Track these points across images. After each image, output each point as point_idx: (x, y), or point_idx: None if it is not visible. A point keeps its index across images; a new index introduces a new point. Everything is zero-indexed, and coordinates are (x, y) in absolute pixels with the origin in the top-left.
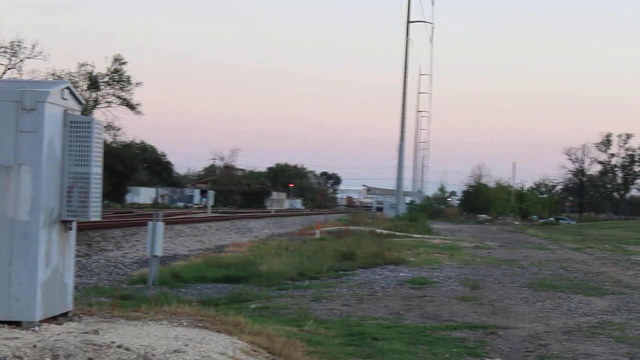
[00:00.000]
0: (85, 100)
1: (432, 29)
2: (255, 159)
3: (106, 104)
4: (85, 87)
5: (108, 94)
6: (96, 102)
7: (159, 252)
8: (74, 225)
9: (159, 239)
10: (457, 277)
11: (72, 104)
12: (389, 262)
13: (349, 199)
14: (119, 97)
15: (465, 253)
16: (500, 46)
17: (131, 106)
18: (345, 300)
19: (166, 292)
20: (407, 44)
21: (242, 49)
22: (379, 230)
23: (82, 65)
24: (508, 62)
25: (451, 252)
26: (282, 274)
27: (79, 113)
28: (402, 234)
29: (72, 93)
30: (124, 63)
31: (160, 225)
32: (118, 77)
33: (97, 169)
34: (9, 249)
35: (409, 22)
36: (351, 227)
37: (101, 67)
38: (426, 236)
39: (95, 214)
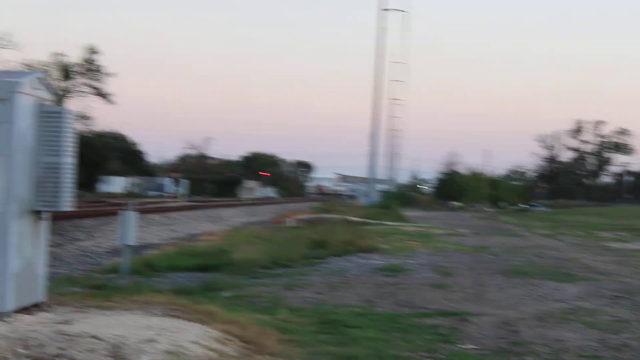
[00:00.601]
0: (58, 90)
1: (406, 17)
2: (228, 148)
3: (79, 94)
4: (58, 76)
5: (81, 83)
6: (69, 91)
7: (131, 241)
8: (46, 215)
9: (131, 228)
10: (430, 265)
11: (44, 94)
12: (362, 250)
13: (320, 186)
14: (91, 87)
15: (438, 240)
16: (473, 35)
17: (104, 96)
18: (318, 288)
19: (139, 281)
20: (379, 31)
21: (215, 38)
22: (351, 218)
23: (55, 55)
24: (482, 51)
25: (424, 240)
26: (255, 262)
27: (51, 103)
28: (375, 221)
29: (44, 83)
30: (96, 53)
31: (133, 215)
32: (91, 67)
33: (69, 159)
34: None
35: (382, 9)
36: (324, 215)
37: (74, 57)
38: (399, 224)
39: (67, 203)
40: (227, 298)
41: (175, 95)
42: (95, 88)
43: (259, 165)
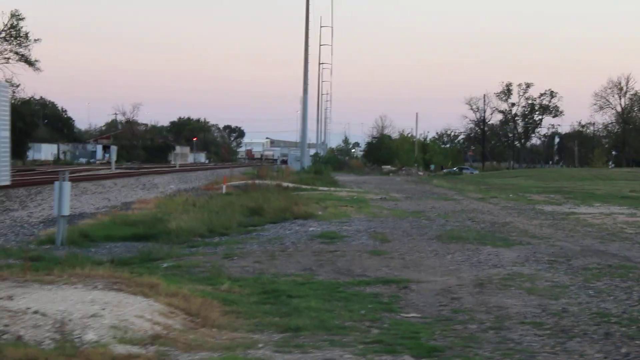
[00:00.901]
0: None
1: None
2: (157, 114)
3: (3, 60)
4: None
5: (5, 50)
6: None
7: (66, 211)
8: None
9: (65, 199)
10: (367, 231)
11: None
12: (297, 216)
13: (249, 152)
14: (16, 53)
15: (372, 206)
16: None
17: (30, 62)
18: (257, 257)
19: (76, 252)
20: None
21: (144, 4)
22: (285, 184)
23: None
24: (412, 16)
25: (358, 205)
26: (191, 230)
27: None
28: (309, 187)
29: None
30: (21, 19)
31: (67, 185)
32: (15, 33)
33: (4, 133)
34: None
35: None
36: (257, 182)
37: None
38: (332, 189)
39: (4, 178)
40: (166, 268)
41: (104, 61)
42: (20, 54)
43: (188, 131)
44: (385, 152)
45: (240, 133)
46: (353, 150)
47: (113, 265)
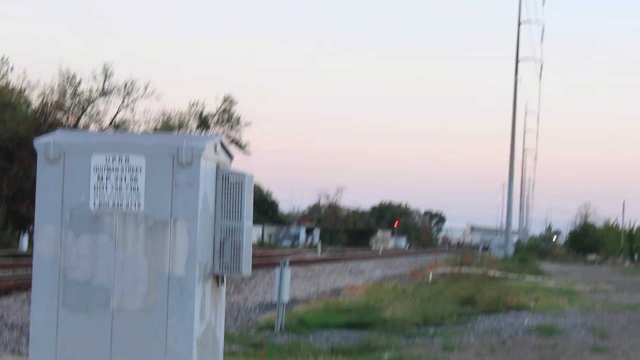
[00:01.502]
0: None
1: (541, 66)
2: (359, 197)
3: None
4: (195, 126)
5: (218, 133)
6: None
7: (286, 298)
8: (225, 279)
9: (285, 285)
10: (583, 325)
11: (223, 157)
12: (510, 307)
13: (446, 237)
14: (228, 137)
15: (583, 297)
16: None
17: (240, 145)
18: (477, 350)
19: (295, 339)
20: (516, 83)
21: (347, 86)
22: (491, 273)
23: (193, 104)
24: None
25: (569, 297)
26: (405, 320)
27: (229, 166)
28: (515, 275)
29: (223, 147)
30: (233, 102)
31: (287, 271)
32: (228, 117)
33: (248, 223)
34: (166, 304)
35: (517, 61)
36: (464, 269)
37: (211, 107)
38: (539, 278)
39: (247, 268)
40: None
41: (308, 144)
42: (232, 138)
43: (390, 216)
44: (589, 240)
45: (441, 218)
46: (555, 238)
47: (333, 354)
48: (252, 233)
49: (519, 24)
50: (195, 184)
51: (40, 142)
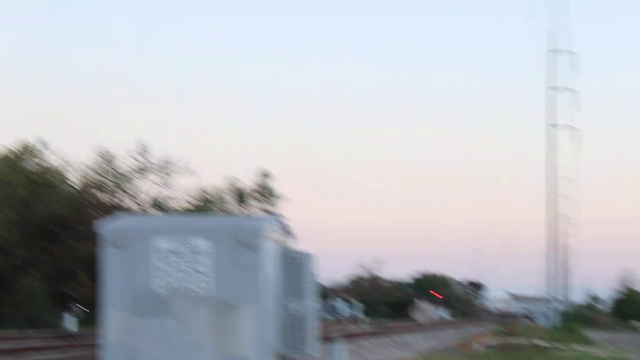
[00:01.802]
0: (232, 214)
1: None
2: (399, 268)
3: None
4: (233, 201)
5: (255, 207)
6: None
7: None
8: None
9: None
10: None
11: (284, 237)
12: None
13: (488, 307)
14: (265, 211)
15: None
16: None
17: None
18: None
19: None
20: (550, 149)
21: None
22: (540, 343)
23: (229, 179)
24: None
25: None
26: None
27: (290, 245)
28: (564, 345)
29: (284, 226)
30: (269, 177)
31: (344, 348)
32: (264, 191)
33: (311, 302)
34: None
35: (551, 126)
36: (512, 340)
37: (247, 181)
38: (589, 348)
39: (312, 347)
40: None
41: (343, 215)
42: (269, 212)
43: (430, 286)
44: (633, 307)
45: (481, 287)
46: (598, 305)
47: None
48: (315, 312)
49: (551, 89)
50: (259, 265)
51: (106, 228)
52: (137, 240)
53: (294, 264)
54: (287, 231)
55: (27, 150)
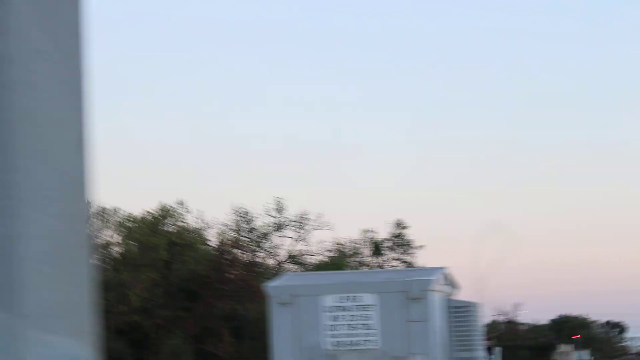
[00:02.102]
0: (369, 266)
1: None
2: (537, 312)
3: (391, 268)
4: (368, 253)
5: (391, 258)
6: (380, 267)
7: None
8: None
9: None
10: None
11: (449, 288)
12: None
13: (625, 347)
14: (401, 261)
15: None
16: None
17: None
18: None
19: None
20: None
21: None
22: None
23: (365, 231)
24: None
25: None
26: None
27: (455, 296)
28: None
29: (448, 278)
30: (405, 227)
31: None
32: (400, 242)
33: (479, 353)
34: None
35: None
36: None
37: (383, 233)
38: None
39: None
40: None
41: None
42: (405, 262)
43: (569, 329)
44: None
45: (622, 328)
46: None
47: None
48: None
49: None
50: (428, 317)
51: (272, 286)
52: (303, 297)
53: (460, 314)
54: (450, 281)
55: (167, 213)
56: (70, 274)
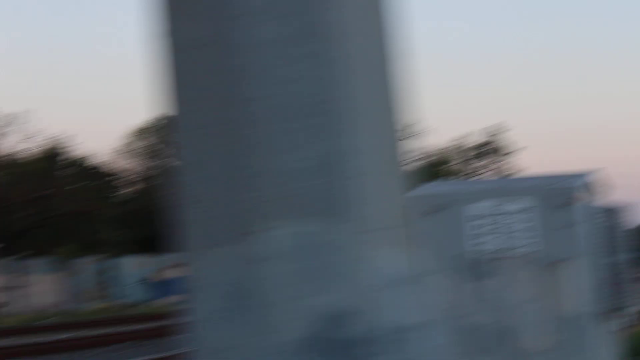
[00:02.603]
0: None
1: None
2: None
3: (486, 174)
4: (461, 160)
5: (489, 163)
6: (475, 174)
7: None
8: (607, 318)
9: None
10: None
11: (596, 191)
12: None
13: None
14: (498, 167)
15: None
16: None
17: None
18: None
19: None
20: None
21: None
22: None
23: (459, 138)
24: None
25: None
26: None
27: (601, 200)
28: None
29: (594, 180)
30: (504, 132)
31: None
32: (498, 147)
33: (624, 256)
34: (564, 345)
35: None
36: None
37: (478, 138)
38: None
39: (629, 304)
40: None
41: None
42: (501, 167)
43: None
44: None
45: None
46: None
47: None
48: (628, 265)
49: None
50: (576, 222)
51: (417, 195)
52: (450, 206)
53: (605, 218)
54: (597, 184)
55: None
56: (390, 187)
